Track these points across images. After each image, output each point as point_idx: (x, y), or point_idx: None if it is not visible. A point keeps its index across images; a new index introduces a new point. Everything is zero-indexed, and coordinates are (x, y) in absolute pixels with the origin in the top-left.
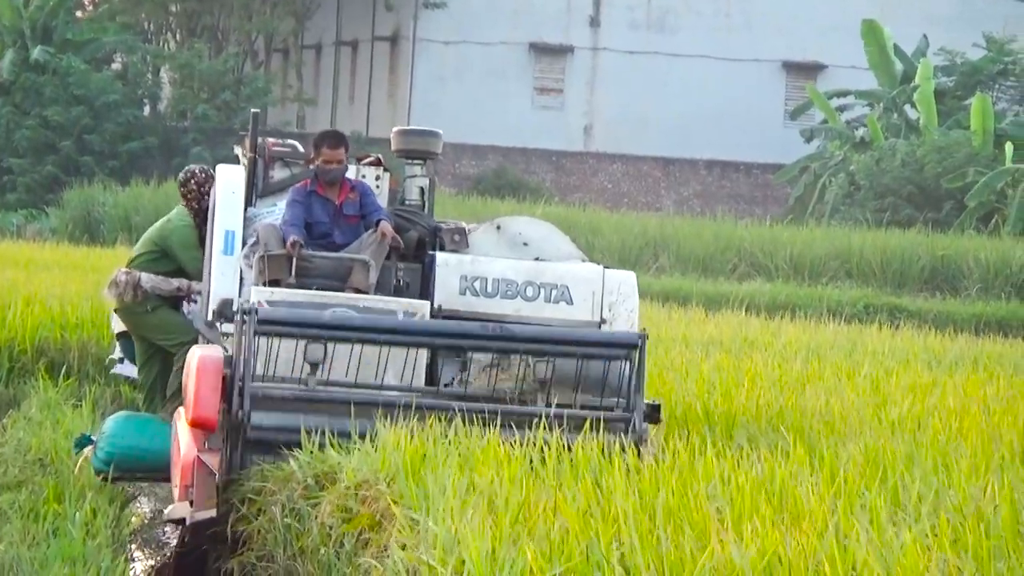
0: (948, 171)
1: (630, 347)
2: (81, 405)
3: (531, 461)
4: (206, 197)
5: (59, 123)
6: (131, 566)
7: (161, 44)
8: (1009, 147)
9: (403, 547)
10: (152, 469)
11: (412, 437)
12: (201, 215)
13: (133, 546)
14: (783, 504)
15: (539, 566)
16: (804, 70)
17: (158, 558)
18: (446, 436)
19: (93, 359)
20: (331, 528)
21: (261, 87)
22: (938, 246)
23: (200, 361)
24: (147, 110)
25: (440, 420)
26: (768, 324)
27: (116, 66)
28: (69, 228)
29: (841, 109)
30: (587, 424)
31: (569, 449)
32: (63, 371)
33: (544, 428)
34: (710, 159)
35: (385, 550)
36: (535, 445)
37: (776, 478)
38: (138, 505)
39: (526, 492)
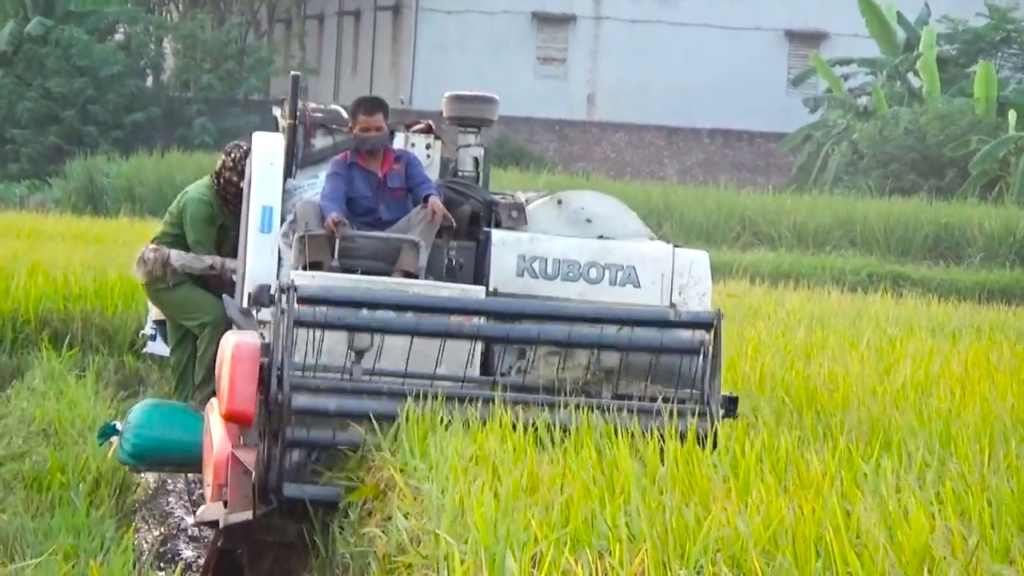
0: (951, 139)
1: (702, 328)
2: (84, 375)
3: (536, 431)
4: (226, 172)
5: (62, 94)
6: (135, 536)
7: (164, 14)
8: (1012, 115)
9: (407, 516)
10: (182, 462)
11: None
12: (220, 192)
13: (137, 516)
14: (788, 473)
15: (543, 534)
16: (807, 38)
17: (163, 529)
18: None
19: (97, 330)
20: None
21: (264, 57)
22: (942, 214)
23: (235, 348)
24: (150, 81)
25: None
26: (772, 293)
27: (119, 37)
28: (72, 199)
29: (844, 77)
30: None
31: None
32: (66, 342)
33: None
34: (713, 128)
35: (389, 519)
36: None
37: (781, 447)
38: (142, 476)
39: (531, 460)
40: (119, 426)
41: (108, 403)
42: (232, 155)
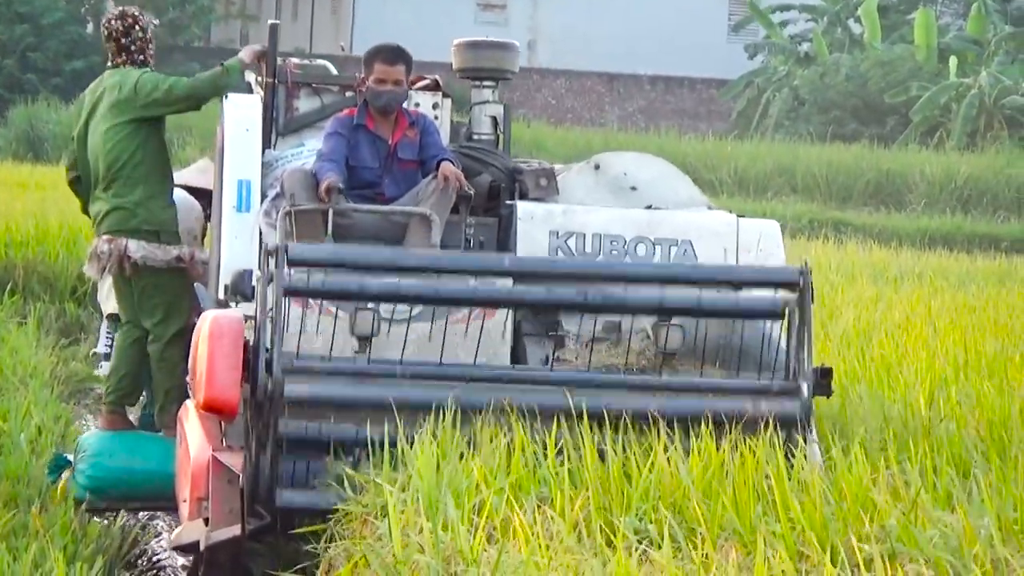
0: (892, 86)
1: (785, 286)
2: (26, 322)
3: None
4: (125, 39)
5: (2, 41)
6: None
7: None
8: (953, 61)
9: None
10: (152, 497)
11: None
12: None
13: None
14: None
15: (484, 480)
16: None
17: None
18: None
19: (38, 277)
20: None
21: (205, 5)
22: (883, 161)
23: (214, 324)
24: (91, 28)
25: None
26: None
27: None
28: (13, 146)
29: (785, 24)
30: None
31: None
32: (7, 289)
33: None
34: (654, 74)
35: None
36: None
37: None
38: (84, 424)
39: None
40: (71, 457)
41: (50, 351)
42: (119, 21)
